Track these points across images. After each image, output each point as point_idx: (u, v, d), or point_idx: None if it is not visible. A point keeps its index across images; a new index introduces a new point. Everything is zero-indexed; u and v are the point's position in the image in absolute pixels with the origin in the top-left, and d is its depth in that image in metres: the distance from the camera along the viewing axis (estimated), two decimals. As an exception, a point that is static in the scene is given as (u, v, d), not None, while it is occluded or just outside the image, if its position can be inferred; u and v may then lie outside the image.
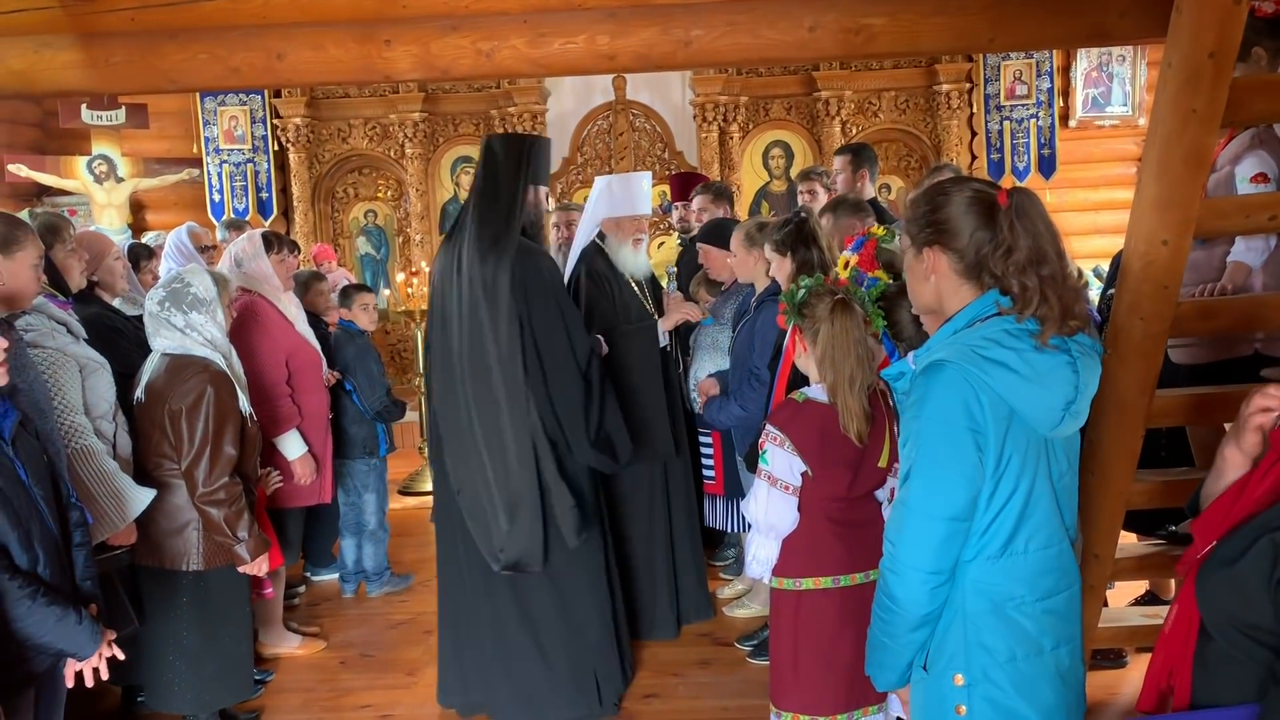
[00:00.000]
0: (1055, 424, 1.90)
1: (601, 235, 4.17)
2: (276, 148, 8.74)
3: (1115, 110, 8.77)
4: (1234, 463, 1.85)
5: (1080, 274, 2.07)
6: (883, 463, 2.67)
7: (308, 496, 4.45)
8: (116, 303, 4.04)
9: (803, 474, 2.68)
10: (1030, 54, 8.52)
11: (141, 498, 3.18)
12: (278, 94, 8.61)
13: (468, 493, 3.57)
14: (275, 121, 8.66)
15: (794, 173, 8.93)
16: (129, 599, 3.24)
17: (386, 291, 8.10)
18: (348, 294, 5.06)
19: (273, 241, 4.30)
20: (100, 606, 2.63)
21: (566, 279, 4.11)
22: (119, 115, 8.31)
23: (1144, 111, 8.67)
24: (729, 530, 4.54)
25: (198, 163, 8.66)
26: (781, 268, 3.64)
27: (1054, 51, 8.47)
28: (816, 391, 2.72)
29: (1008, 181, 8.33)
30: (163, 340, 3.38)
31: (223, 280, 3.50)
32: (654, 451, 4.10)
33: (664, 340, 4.20)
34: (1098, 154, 8.85)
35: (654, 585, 4.32)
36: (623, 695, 3.94)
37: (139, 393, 3.39)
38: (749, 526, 4.47)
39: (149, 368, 3.41)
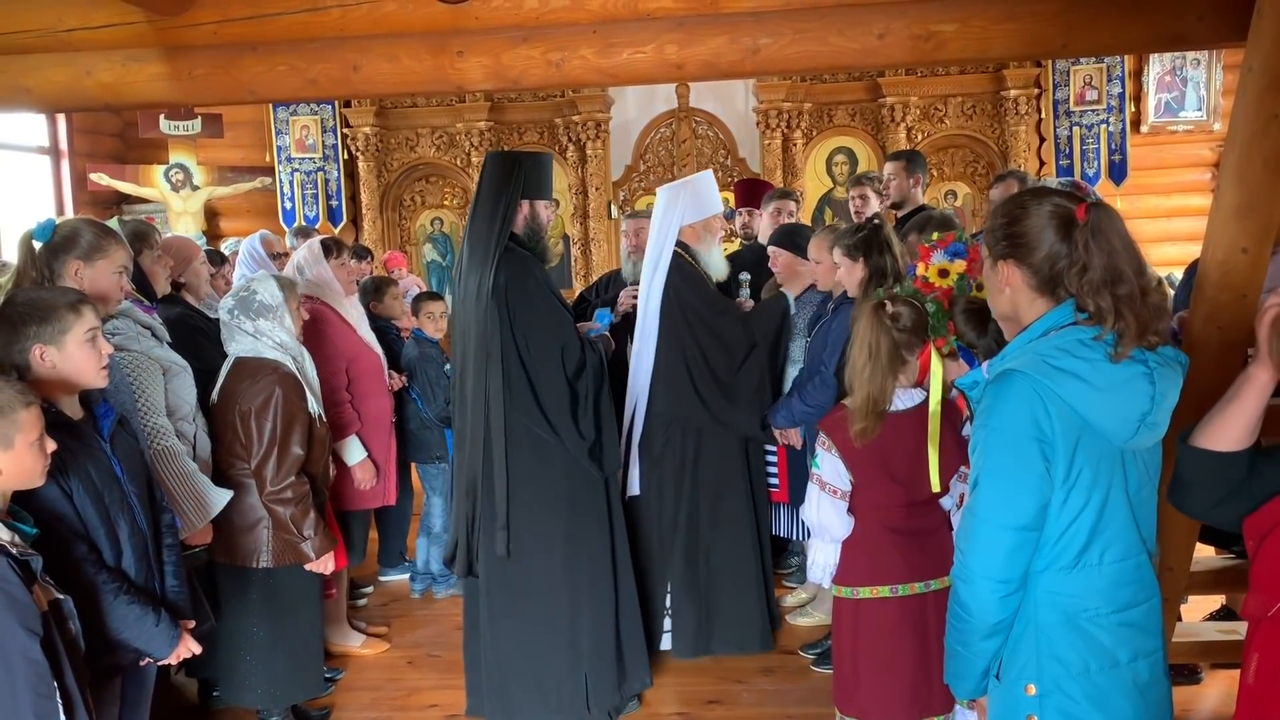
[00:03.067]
0: (1129, 436, 1.88)
1: (681, 245, 4.12)
2: (346, 156, 8.90)
3: (1189, 115, 8.58)
4: (1257, 381, 1.85)
5: (1160, 283, 2.03)
6: (934, 488, 2.66)
7: (371, 499, 4.53)
8: (200, 305, 4.17)
9: (851, 481, 2.69)
10: (1101, 58, 8.35)
11: (219, 498, 3.27)
12: (348, 104, 8.77)
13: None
14: (345, 131, 8.83)
15: (846, 182, 8.90)
16: (206, 596, 3.33)
17: (451, 298, 8.21)
18: (417, 302, 5.15)
19: (331, 247, 4.39)
20: (188, 612, 2.71)
21: (652, 294, 4.07)
22: (195, 125, 8.53)
23: (1219, 116, 8.47)
24: (793, 538, 4.52)
25: (270, 171, 8.86)
26: (852, 273, 3.62)
27: (1126, 55, 8.31)
28: None
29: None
30: (236, 345, 3.48)
31: (289, 285, 3.59)
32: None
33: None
34: (1171, 160, 8.66)
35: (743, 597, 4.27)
36: (619, 707, 3.85)
37: (214, 395, 3.49)
38: (809, 534, 4.50)
39: (225, 371, 3.51)
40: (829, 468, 2.70)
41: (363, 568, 5.19)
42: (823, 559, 2.80)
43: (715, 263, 4.17)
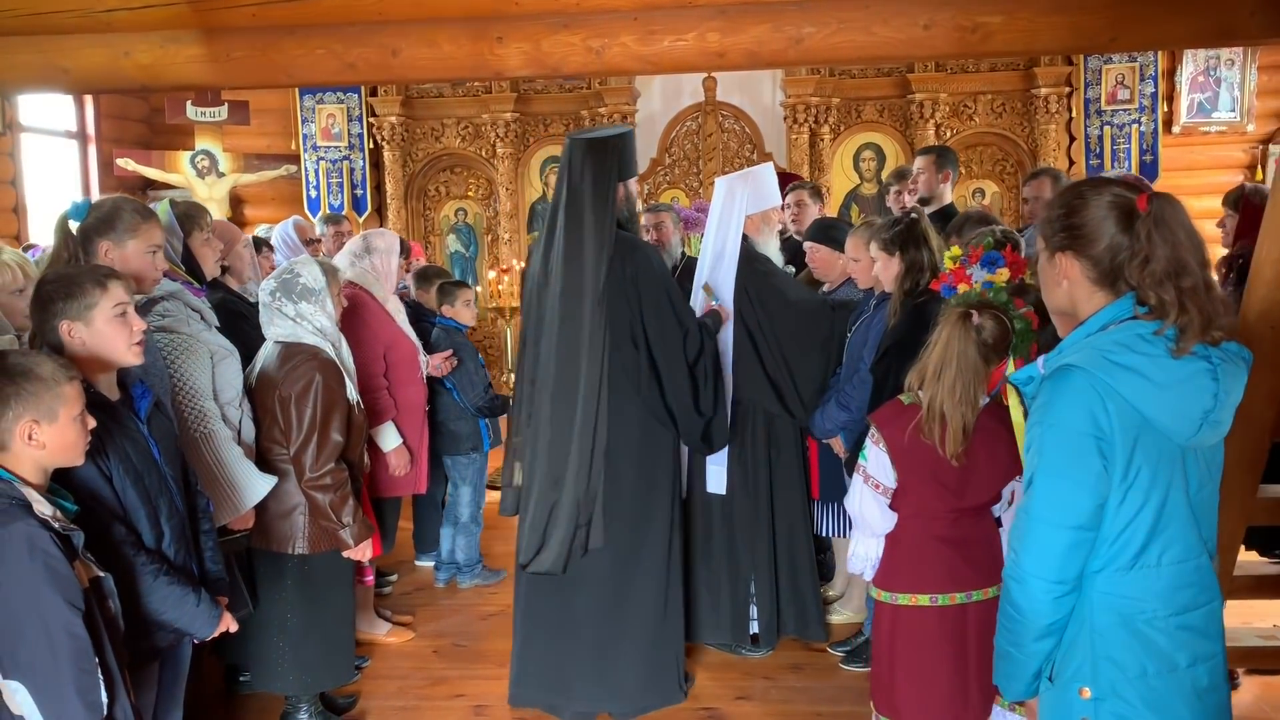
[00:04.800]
0: (1192, 434, 1.84)
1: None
2: (372, 145, 8.89)
3: (1223, 116, 8.48)
4: None
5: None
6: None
7: (405, 487, 4.52)
8: (241, 289, 4.17)
9: (897, 479, 2.65)
10: (1134, 57, 8.28)
11: (262, 484, 3.26)
12: (374, 93, 8.76)
13: (524, 492, 3.63)
14: (371, 120, 8.81)
15: (885, 176, 8.83)
16: (245, 581, 3.32)
17: (477, 289, 8.18)
18: (447, 290, 5.13)
19: (405, 246, 4.43)
20: (226, 593, 2.70)
21: (723, 286, 4.09)
22: (221, 112, 8.52)
23: (1253, 117, 8.39)
24: (825, 535, 4.49)
25: (295, 159, 8.84)
26: (889, 267, 3.59)
27: (1159, 54, 8.23)
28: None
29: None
30: (275, 329, 3.46)
31: (332, 270, 3.58)
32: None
33: None
34: (1203, 161, 8.56)
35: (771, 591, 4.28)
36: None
37: (252, 379, 3.47)
38: (847, 530, 4.46)
39: (262, 355, 3.49)
40: (876, 462, 2.66)
41: (388, 556, 5.18)
42: (863, 550, 2.76)
43: (772, 254, 4.16)
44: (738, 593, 4.23)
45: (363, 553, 3.47)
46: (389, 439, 4.35)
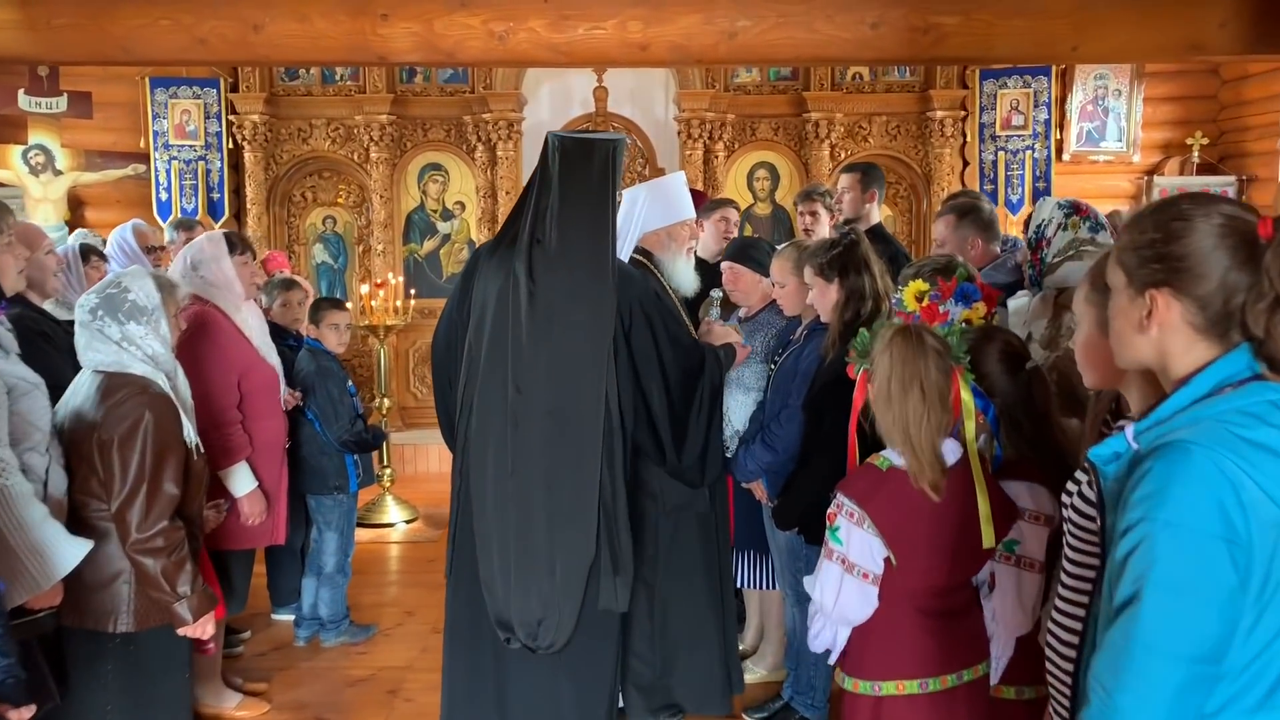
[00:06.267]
0: None
1: (644, 253, 3.65)
2: (231, 146, 8.17)
3: (1110, 145, 8.52)
4: None
5: None
6: (987, 541, 2.19)
7: (259, 537, 3.90)
8: (48, 305, 3.48)
9: (885, 559, 2.19)
10: (1028, 83, 8.25)
11: (75, 550, 2.62)
12: (235, 88, 8.08)
13: (498, 548, 3.05)
14: (231, 118, 8.09)
15: (780, 196, 8.59)
16: (50, 667, 2.68)
17: (348, 305, 7.51)
18: (318, 309, 4.52)
19: (236, 243, 3.76)
20: (19, 696, 2.09)
21: None
22: (60, 103, 7.70)
23: (1138, 149, 8.44)
24: (738, 585, 4.05)
25: (144, 158, 8.06)
26: (825, 295, 3.19)
27: (1052, 80, 8.21)
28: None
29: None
30: (95, 355, 2.82)
31: (168, 285, 2.95)
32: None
33: None
34: (1091, 190, 8.52)
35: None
36: None
37: (61, 418, 2.82)
38: (765, 583, 4.04)
39: (78, 389, 2.85)
40: (859, 545, 2.19)
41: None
42: (828, 635, 2.31)
43: (682, 275, 3.67)
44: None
45: (202, 629, 2.85)
46: (242, 482, 3.73)
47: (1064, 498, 1.81)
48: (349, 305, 6.81)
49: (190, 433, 2.89)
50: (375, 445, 4.59)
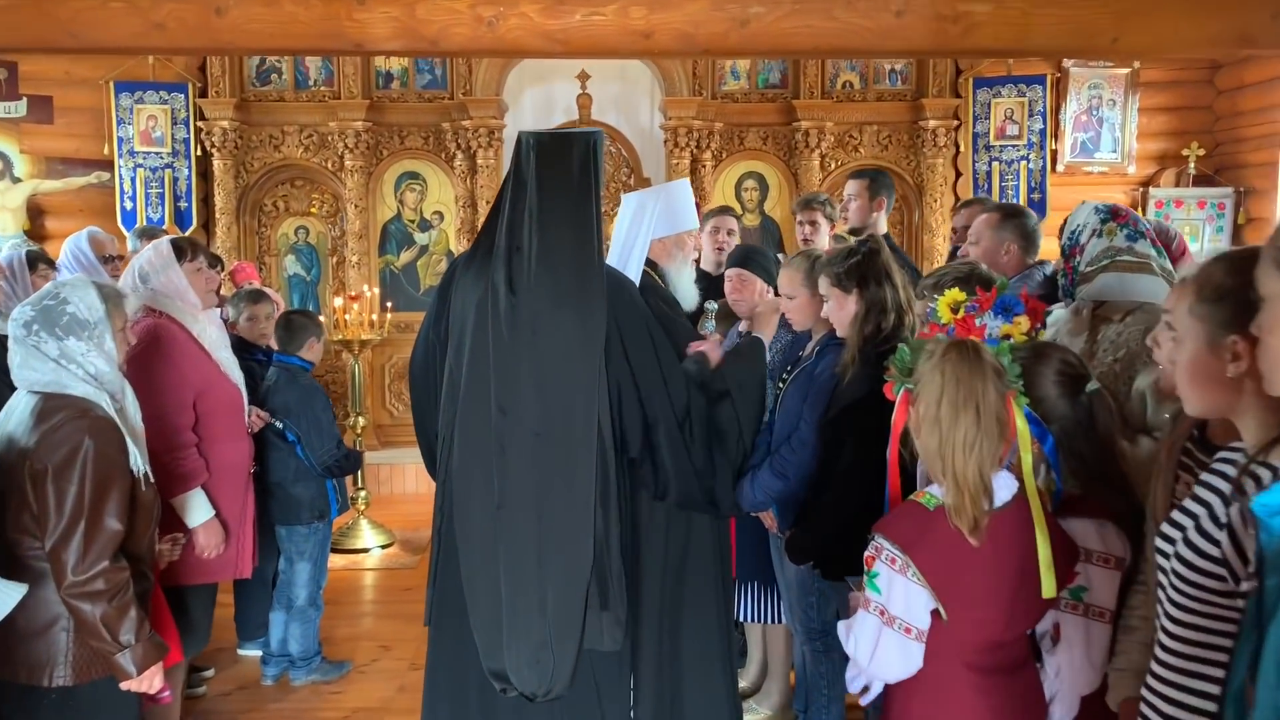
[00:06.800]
0: None
1: (649, 263, 3.37)
2: (200, 153, 7.84)
3: (1105, 156, 8.34)
4: None
5: None
6: (1048, 591, 1.91)
7: (219, 571, 3.58)
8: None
9: (933, 611, 1.91)
10: (1023, 92, 8.07)
11: (6, 595, 2.31)
12: (203, 93, 7.78)
13: (488, 590, 2.75)
14: (200, 124, 7.77)
15: (768, 206, 8.37)
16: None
17: (321, 318, 7.21)
18: (305, 327, 4.22)
19: (185, 248, 3.45)
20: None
21: None
22: (19, 107, 7.43)
23: (1133, 159, 8.27)
24: (743, 619, 3.77)
25: (109, 166, 7.73)
26: (843, 307, 2.92)
27: (1047, 89, 8.02)
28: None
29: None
30: (30, 374, 2.51)
31: (113, 296, 2.64)
32: None
33: None
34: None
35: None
36: None
37: (-8, 444, 2.51)
38: (770, 617, 3.75)
39: (11, 411, 2.53)
40: (902, 596, 1.90)
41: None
42: (866, 678, 2.01)
43: (685, 287, 3.40)
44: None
45: (149, 682, 2.52)
46: (196, 511, 3.42)
47: (1161, 544, 1.53)
48: (322, 319, 6.55)
49: (138, 460, 2.58)
50: (357, 467, 4.29)
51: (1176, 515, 1.54)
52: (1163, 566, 1.54)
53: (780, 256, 5.23)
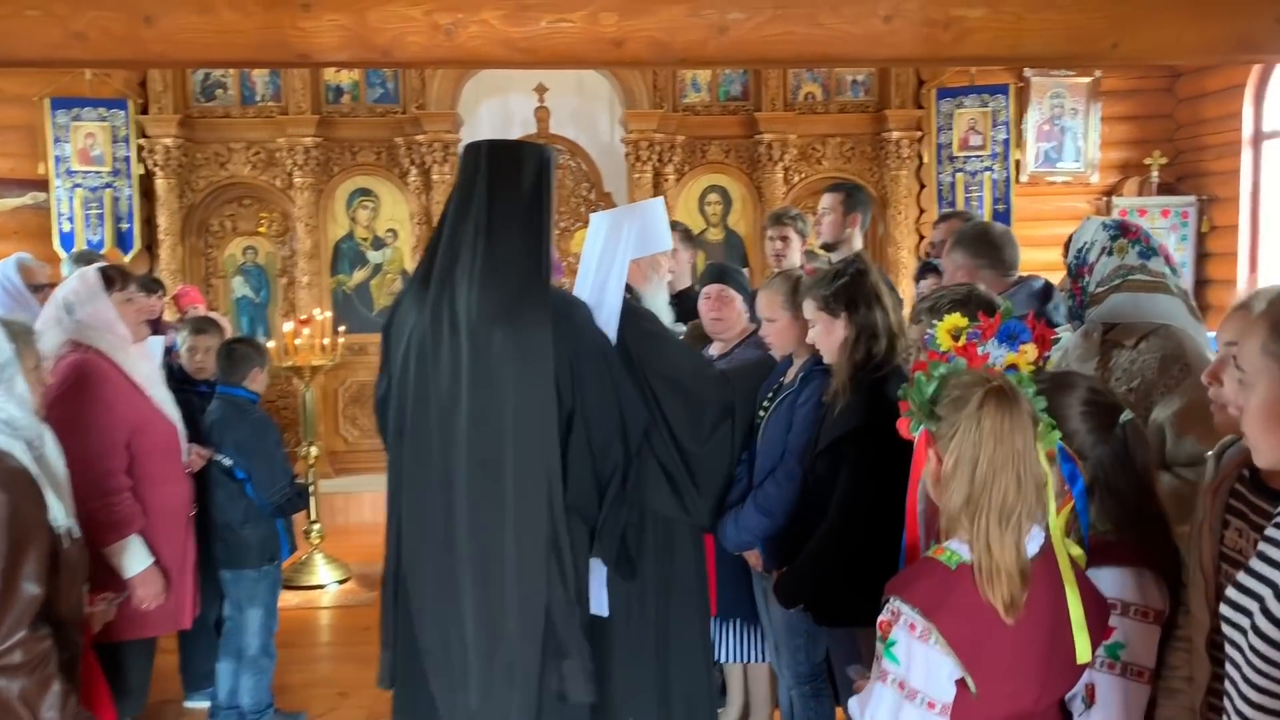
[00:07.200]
0: None
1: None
2: (142, 172, 7.51)
3: (1067, 166, 8.28)
4: None
5: None
6: (1083, 656, 1.71)
7: (157, 624, 3.33)
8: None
9: (958, 681, 1.70)
10: (985, 102, 7.98)
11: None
12: (145, 110, 7.47)
13: (434, 636, 2.53)
14: (141, 142, 7.45)
15: (732, 221, 8.21)
16: None
17: (271, 343, 6.91)
18: (249, 357, 3.94)
19: (114, 278, 3.19)
20: None
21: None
22: (-54, 126, 7.06)
23: (1096, 169, 8.22)
24: (722, 660, 3.57)
25: (44, 185, 7.39)
26: (831, 332, 2.73)
27: (1010, 99, 7.95)
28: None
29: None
30: (-66, 422, 2.25)
31: (23, 333, 2.37)
32: None
33: None
34: (1048, 212, 8.30)
35: None
36: None
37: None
38: (753, 655, 3.55)
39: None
40: (924, 667, 1.66)
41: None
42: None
43: (660, 308, 3.21)
44: None
45: (73, 763, 2.26)
46: (133, 560, 3.15)
47: (1231, 613, 1.35)
48: (270, 344, 6.26)
49: (60, 515, 2.32)
50: (305, 504, 4.03)
51: (1247, 580, 1.36)
52: (1233, 639, 1.36)
53: (746, 271, 5.05)
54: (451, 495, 2.47)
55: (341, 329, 6.82)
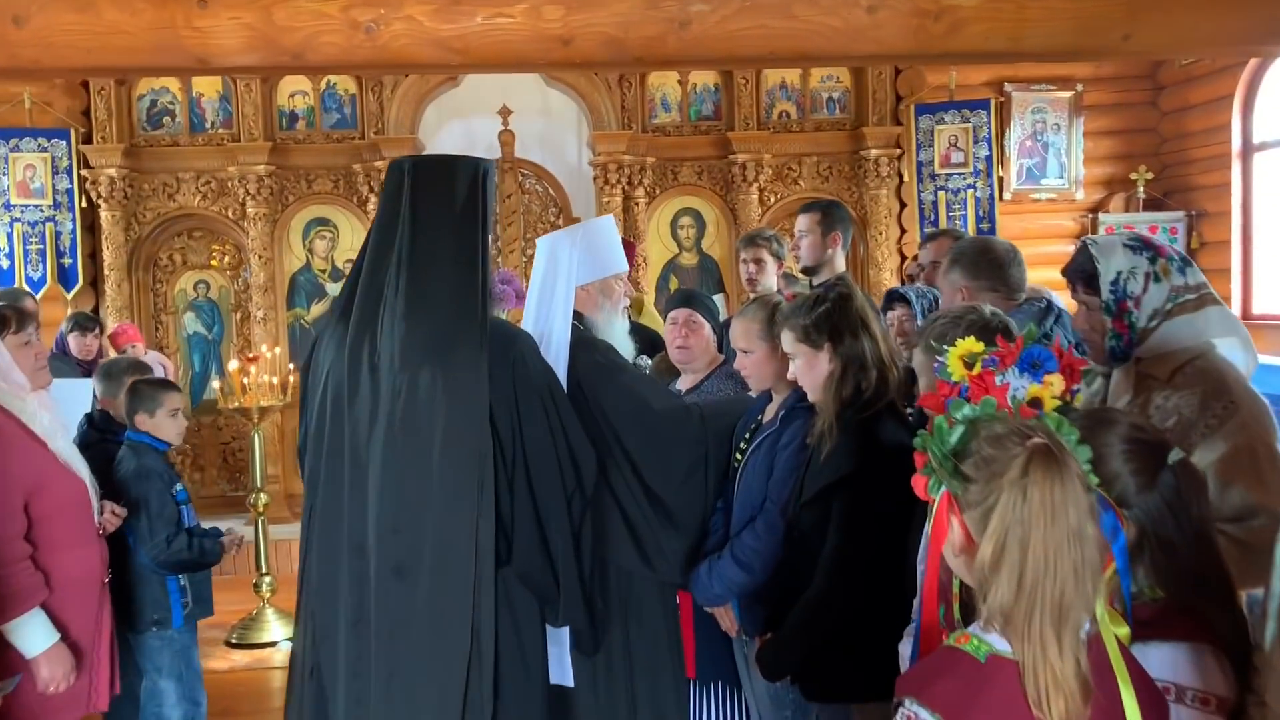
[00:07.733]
0: None
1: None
2: (85, 204, 7.17)
3: (1051, 182, 8.06)
4: None
5: None
6: None
7: (69, 707, 2.92)
8: None
9: None
10: (966, 118, 7.74)
11: None
12: (88, 139, 7.12)
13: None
14: (84, 172, 7.12)
15: (706, 244, 7.93)
16: None
17: (217, 383, 6.54)
18: (151, 395, 3.57)
19: (9, 319, 2.84)
20: None
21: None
22: (-126, 159, 6.69)
23: (1080, 185, 8.00)
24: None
25: (-20, 219, 7.03)
26: (814, 366, 2.40)
27: (991, 114, 7.71)
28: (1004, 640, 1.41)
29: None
30: None
31: None
32: None
33: None
34: (1034, 230, 8.07)
35: None
36: None
37: None
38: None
39: None
40: None
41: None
42: None
43: (618, 340, 2.87)
44: None
45: None
46: (34, 638, 2.77)
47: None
48: (216, 384, 5.88)
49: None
50: (205, 564, 3.61)
51: None
52: None
53: (719, 298, 4.74)
54: (365, 566, 2.13)
55: (293, 368, 6.46)
